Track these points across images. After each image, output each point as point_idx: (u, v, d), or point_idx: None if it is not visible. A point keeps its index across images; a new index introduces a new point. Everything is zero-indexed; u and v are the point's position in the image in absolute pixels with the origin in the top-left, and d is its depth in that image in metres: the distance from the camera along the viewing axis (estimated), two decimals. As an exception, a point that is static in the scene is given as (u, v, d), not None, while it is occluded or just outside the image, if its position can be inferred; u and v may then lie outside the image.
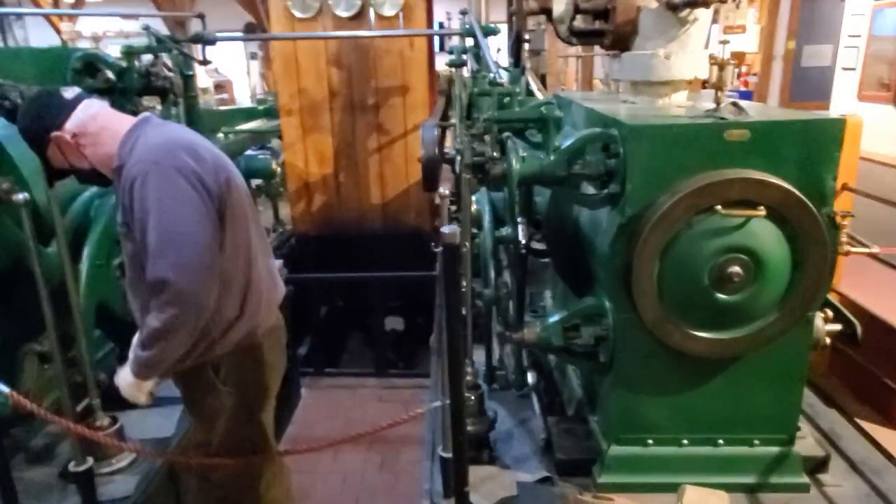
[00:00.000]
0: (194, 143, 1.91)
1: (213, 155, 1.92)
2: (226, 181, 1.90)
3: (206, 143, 1.97)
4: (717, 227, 1.79)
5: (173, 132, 1.96)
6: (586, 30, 2.35)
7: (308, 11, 4.56)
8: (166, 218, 1.77)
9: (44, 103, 1.91)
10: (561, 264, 2.47)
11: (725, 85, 1.86)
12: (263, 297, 2.10)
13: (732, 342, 1.92)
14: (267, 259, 2.18)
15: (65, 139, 1.87)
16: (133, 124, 1.93)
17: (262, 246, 2.14)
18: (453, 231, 1.35)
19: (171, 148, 1.84)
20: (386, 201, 5.01)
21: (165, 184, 1.78)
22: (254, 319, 2.07)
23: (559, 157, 1.88)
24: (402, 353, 5.71)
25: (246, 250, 2.01)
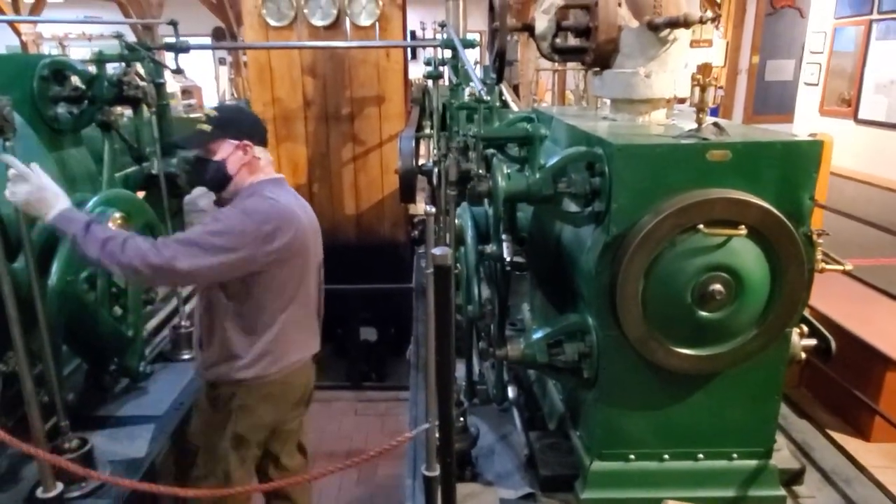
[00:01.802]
0: (285, 209, 2.33)
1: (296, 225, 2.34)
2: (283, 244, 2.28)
3: (296, 213, 2.38)
4: (700, 246, 1.81)
5: (286, 200, 2.38)
6: (568, 47, 2.37)
7: (283, 20, 4.52)
8: (211, 233, 2.18)
9: (256, 121, 2.49)
10: (542, 279, 2.48)
11: (707, 106, 1.89)
12: (277, 351, 2.42)
13: (713, 358, 1.94)
14: (310, 319, 2.59)
15: (251, 150, 2.35)
16: (268, 178, 2.40)
17: (307, 304, 2.53)
18: (444, 253, 1.34)
19: (267, 209, 2.27)
20: (360, 212, 4.98)
21: (238, 224, 2.21)
22: (276, 363, 2.42)
23: (545, 176, 1.89)
24: (374, 363, 5.68)
25: (286, 300, 2.40)
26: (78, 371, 2.82)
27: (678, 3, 2.25)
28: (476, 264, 2.28)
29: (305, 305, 2.52)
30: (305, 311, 2.53)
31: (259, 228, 2.21)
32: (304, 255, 2.43)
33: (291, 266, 2.37)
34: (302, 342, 2.54)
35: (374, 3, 4.47)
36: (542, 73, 10.56)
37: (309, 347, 2.59)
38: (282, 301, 2.39)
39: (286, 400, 2.51)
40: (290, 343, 2.46)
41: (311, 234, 2.48)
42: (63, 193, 2.19)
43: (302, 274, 2.44)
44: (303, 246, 2.40)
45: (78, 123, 3.04)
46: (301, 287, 2.45)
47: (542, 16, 2.29)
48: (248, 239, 2.20)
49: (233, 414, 2.41)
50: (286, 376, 2.46)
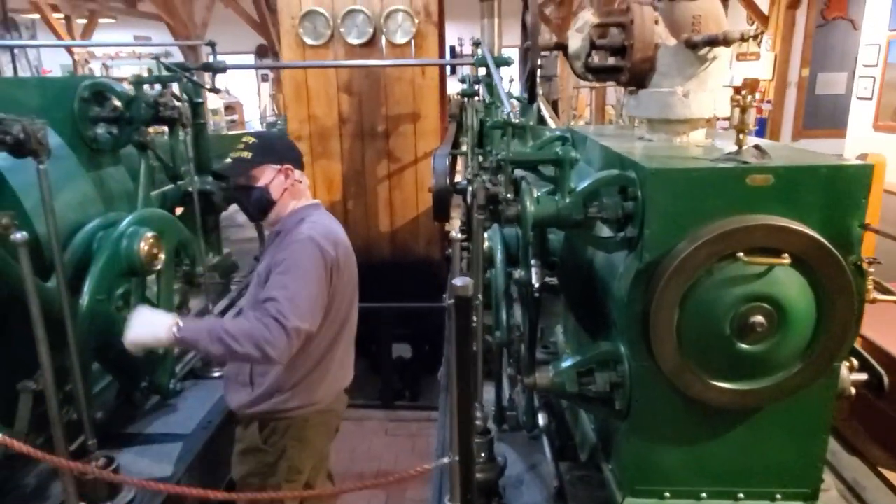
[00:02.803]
0: (337, 235, 2.36)
1: (342, 249, 2.36)
2: (340, 268, 2.31)
3: (341, 236, 2.41)
4: (739, 275, 1.72)
5: (329, 224, 2.40)
6: (603, 66, 2.30)
7: (320, 39, 4.55)
8: (304, 278, 2.17)
9: (293, 146, 2.52)
10: (575, 304, 2.40)
11: (747, 127, 1.80)
12: (329, 377, 2.41)
13: (754, 393, 1.83)
14: (348, 348, 2.55)
15: (292, 174, 2.37)
16: (309, 204, 2.43)
17: (353, 329, 2.53)
18: (466, 283, 1.28)
19: (324, 234, 2.28)
20: (395, 229, 4.96)
21: (314, 258, 2.20)
22: (313, 395, 2.37)
23: (575, 200, 1.82)
24: (408, 380, 5.63)
25: (335, 332, 2.39)
26: (109, 388, 2.84)
27: (718, 20, 2.17)
28: (506, 288, 2.22)
29: (351, 330, 2.53)
30: (350, 336, 2.54)
31: (326, 251, 2.24)
32: (353, 279, 2.46)
33: (343, 291, 2.37)
34: (348, 367, 2.58)
35: (409, 21, 4.47)
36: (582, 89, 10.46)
37: (351, 372, 2.62)
38: (335, 326, 2.38)
39: (331, 427, 2.53)
40: (339, 369, 2.47)
41: (353, 258, 2.50)
42: (163, 313, 2.21)
43: (352, 298, 2.46)
44: (351, 270, 2.43)
45: (116, 143, 3.10)
46: (351, 311, 2.47)
47: (575, 34, 2.23)
48: (320, 262, 2.21)
49: (287, 447, 2.35)
50: (332, 403, 2.46)
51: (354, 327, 2.56)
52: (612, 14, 2.26)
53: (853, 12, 9.29)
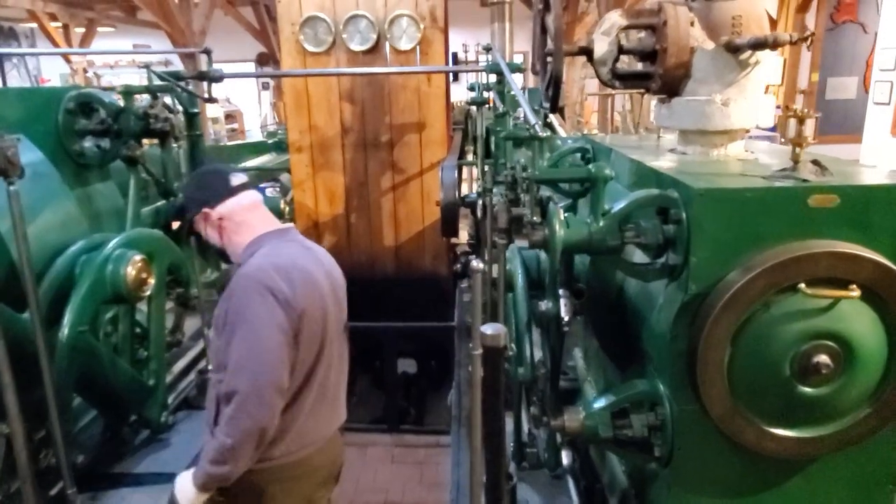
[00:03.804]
0: (294, 268, 1.98)
1: (302, 281, 1.97)
2: (297, 305, 1.93)
3: (301, 265, 2.01)
4: (801, 309, 1.52)
5: (285, 253, 2.03)
6: (631, 72, 2.10)
7: (321, 45, 4.35)
8: (252, 336, 1.88)
9: (209, 181, 2.14)
10: (600, 331, 2.19)
11: (806, 141, 1.59)
12: (292, 430, 2.02)
13: (816, 441, 1.62)
14: (323, 392, 2.10)
15: (212, 217, 2.06)
16: (265, 232, 2.07)
17: (327, 376, 2.10)
18: (497, 332, 1.08)
19: (275, 269, 1.94)
20: (399, 244, 4.75)
21: (259, 303, 1.89)
22: (294, 445, 2.03)
23: (610, 224, 1.62)
24: (414, 398, 5.43)
25: (301, 379, 2.01)
26: (95, 422, 2.63)
27: (760, 21, 1.97)
28: (528, 318, 2.01)
29: (325, 377, 2.10)
30: (325, 385, 2.10)
31: (276, 290, 1.90)
32: (319, 318, 2.01)
33: (309, 329, 1.98)
34: (325, 418, 2.14)
35: (414, 27, 4.27)
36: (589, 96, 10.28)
37: (331, 423, 2.19)
38: (301, 372, 2.01)
39: (309, 481, 2.15)
40: (310, 419, 2.07)
41: (328, 289, 2.07)
42: (180, 475, 1.95)
43: (321, 341, 2.04)
44: (318, 303, 2.01)
45: (104, 157, 2.90)
46: (322, 357, 2.05)
47: (601, 38, 2.03)
48: (269, 307, 1.88)
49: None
50: (306, 457, 2.09)
51: (334, 374, 2.14)
52: (642, 15, 2.05)
53: (863, 16, 9.11)
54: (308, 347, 1.99)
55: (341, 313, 2.17)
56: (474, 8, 12.64)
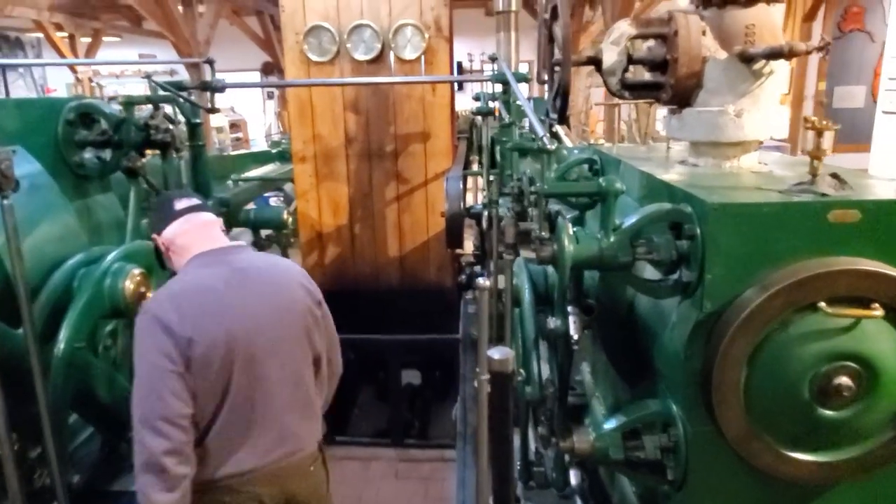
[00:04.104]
0: (192, 293, 1.95)
1: (197, 307, 1.92)
2: (187, 333, 1.88)
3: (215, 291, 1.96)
4: (821, 329, 1.45)
5: (193, 279, 2.01)
6: (641, 83, 2.05)
7: (325, 55, 4.33)
8: (140, 368, 1.88)
9: (158, 208, 2.16)
10: (611, 350, 2.13)
11: (824, 153, 1.53)
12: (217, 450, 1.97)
13: (836, 466, 1.56)
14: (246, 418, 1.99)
15: (160, 244, 2.09)
16: (196, 254, 2.03)
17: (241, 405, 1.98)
18: (505, 357, 1.03)
19: (168, 296, 1.95)
20: (404, 255, 4.71)
21: (147, 334, 1.88)
22: (203, 473, 1.96)
23: (621, 239, 1.56)
24: (418, 410, 5.37)
25: (215, 404, 1.95)
26: (91, 440, 2.58)
27: (774, 29, 1.91)
28: (535, 335, 1.95)
29: (251, 402, 1.99)
30: (251, 410, 1.99)
31: (163, 320, 1.86)
32: (220, 343, 1.91)
33: (199, 360, 1.88)
34: (261, 445, 2.01)
35: (419, 36, 4.24)
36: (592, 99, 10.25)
37: (271, 450, 2.03)
38: (207, 401, 1.93)
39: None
40: (236, 447, 1.98)
41: (250, 311, 1.97)
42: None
43: (229, 366, 1.93)
44: (210, 332, 1.90)
45: (105, 169, 2.86)
46: (234, 383, 1.95)
47: (610, 48, 1.98)
48: (154, 338, 1.86)
49: None
50: (241, 483, 1.99)
51: (272, 391, 2.01)
52: (651, 24, 2.01)
53: (870, 24, 9.06)
54: (208, 374, 1.89)
55: (286, 333, 2.03)
56: (479, 17, 12.66)
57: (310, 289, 2.13)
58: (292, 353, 2.05)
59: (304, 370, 2.10)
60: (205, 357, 1.89)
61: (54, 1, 10.50)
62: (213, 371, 1.91)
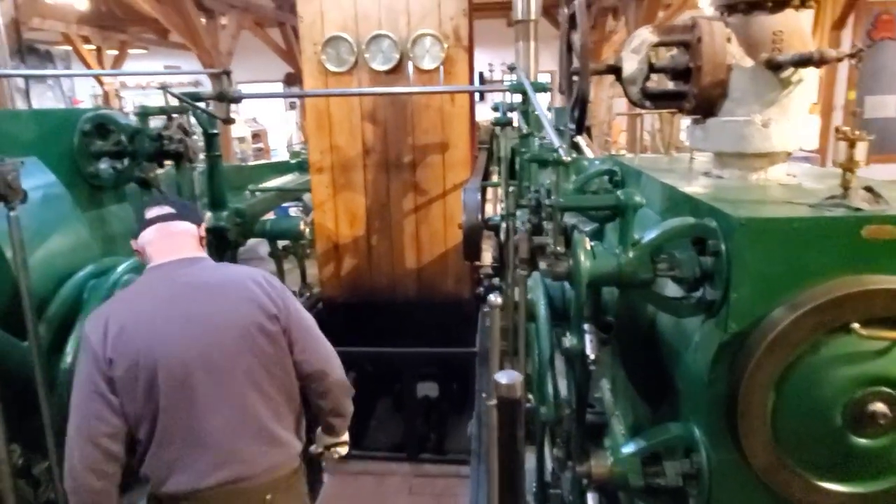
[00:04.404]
0: (118, 311, 1.91)
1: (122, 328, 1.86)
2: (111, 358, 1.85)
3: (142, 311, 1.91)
4: (854, 352, 1.37)
5: (127, 295, 2.00)
6: (663, 92, 1.98)
7: (343, 65, 4.31)
8: (74, 385, 1.88)
9: (136, 215, 2.14)
10: (631, 369, 2.04)
11: (858, 165, 1.45)
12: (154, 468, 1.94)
13: (870, 497, 1.47)
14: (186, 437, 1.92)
15: (136, 250, 2.08)
16: (150, 265, 2.01)
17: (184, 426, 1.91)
18: (513, 382, 0.96)
19: (97, 314, 1.92)
20: (421, 266, 4.65)
21: (81, 351, 1.90)
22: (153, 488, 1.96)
23: (640, 255, 1.49)
24: (434, 423, 5.30)
25: (147, 423, 1.90)
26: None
27: (803, 36, 1.83)
28: (550, 353, 1.88)
29: (187, 423, 1.91)
30: (187, 431, 1.91)
31: (90, 337, 1.86)
32: (144, 365, 1.84)
33: (122, 379, 1.84)
34: (199, 468, 1.93)
35: (438, 46, 4.20)
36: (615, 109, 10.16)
37: (211, 473, 1.93)
38: (136, 420, 1.88)
39: None
40: (170, 467, 1.93)
41: (181, 331, 1.89)
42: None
43: (154, 387, 1.86)
44: (133, 353, 1.85)
45: (119, 179, 2.85)
46: (161, 403, 1.88)
47: (630, 56, 1.91)
48: (86, 353, 1.86)
49: None
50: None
51: (214, 413, 1.91)
52: (674, 31, 1.93)
53: (902, 32, 8.85)
54: (135, 394, 1.85)
55: (223, 352, 1.91)
56: (501, 27, 12.63)
57: (262, 303, 1.96)
58: (230, 373, 1.91)
59: (249, 391, 1.94)
60: (128, 377, 1.85)
61: (82, 14, 10.68)
62: (139, 391, 1.86)
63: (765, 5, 1.80)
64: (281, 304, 1.99)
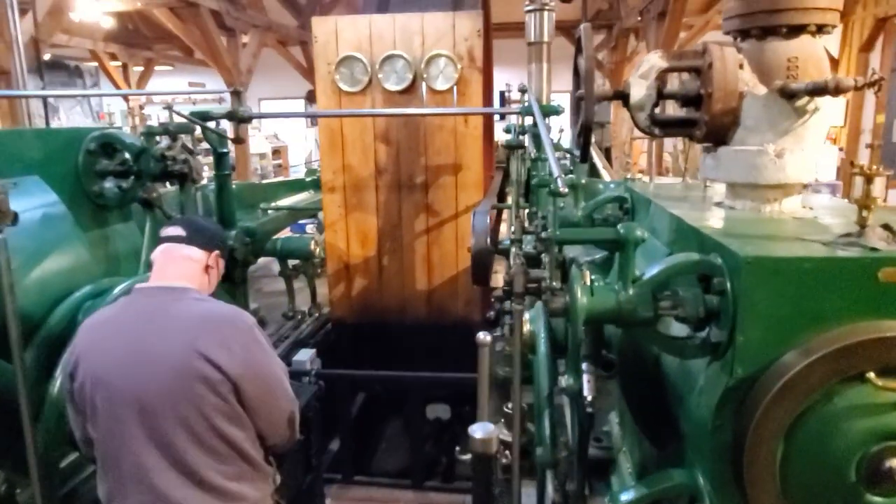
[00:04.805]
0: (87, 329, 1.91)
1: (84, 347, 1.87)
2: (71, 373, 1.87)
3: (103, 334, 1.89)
4: (870, 403, 1.28)
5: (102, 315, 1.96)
6: (672, 119, 1.91)
7: (356, 85, 4.28)
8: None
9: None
10: (635, 407, 1.95)
11: (874, 202, 1.36)
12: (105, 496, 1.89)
13: (888, 560, 1.35)
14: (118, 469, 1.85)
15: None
16: (138, 286, 1.98)
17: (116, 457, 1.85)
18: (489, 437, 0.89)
19: (85, 323, 1.95)
20: (432, 288, 4.58)
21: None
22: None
23: (641, 292, 1.41)
24: (445, 444, 5.20)
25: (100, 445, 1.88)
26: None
27: (819, 63, 1.75)
28: (549, 390, 1.79)
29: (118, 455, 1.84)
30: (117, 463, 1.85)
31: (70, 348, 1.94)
32: (93, 387, 1.81)
33: (77, 397, 1.85)
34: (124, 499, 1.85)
35: (452, 67, 4.17)
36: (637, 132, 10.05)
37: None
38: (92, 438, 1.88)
39: None
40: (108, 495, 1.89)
41: (134, 362, 1.81)
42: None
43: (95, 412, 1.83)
44: (87, 373, 1.82)
45: (124, 198, 2.84)
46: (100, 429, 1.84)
47: (639, 81, 1.84)
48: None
49: None
50: None
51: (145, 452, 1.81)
52: (684, 57, 1.86)
53: (932, 55, 8.66)
54: (87, 412, 1.84)
55: (154, 392, 1.80)
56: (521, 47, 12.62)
57: (210, 353, 1.80)
58: (163, 416, 1.80)
59: (182, 437, 1.81)
60: (79, 394, 1.86)
61: (108, 31, 10.89)
62: (87, 411, 1.85)
63: (779, 31, 1.73)
64: (239, 358, 1.84)
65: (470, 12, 4.29)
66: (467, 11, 4.33)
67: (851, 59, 8.68)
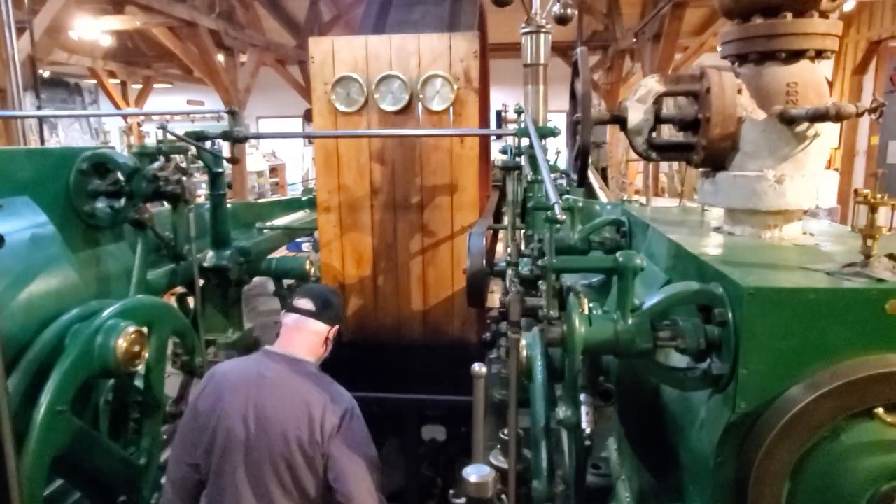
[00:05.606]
0: (217, 375, 2.28)
1: (213, 389, 2.23)
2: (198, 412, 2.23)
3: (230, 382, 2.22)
4: (879, 440, 1.24)
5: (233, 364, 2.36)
6: (670, 143, 1.88)
7: (352, 105, 4.26)
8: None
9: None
10: (634, 438, 1.90)
11: (879, 232, 1.33)
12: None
13: None
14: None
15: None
16: (265, 348, 2.34)
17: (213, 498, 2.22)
18: (484, 479, 0.84)
19: (213, 370, 2.33)
20: (427, 309, 4.53)
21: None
22: None
23: (640, 322, 1.37)
24: (442, 467, 5.12)
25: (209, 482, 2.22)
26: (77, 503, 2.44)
27: (818, 88, 1.74)
28: (546, 420, 1.75)
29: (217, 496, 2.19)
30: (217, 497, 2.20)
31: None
32: (212, 428, 2.18)
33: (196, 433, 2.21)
34: None
35: (448, 87, 4.15)
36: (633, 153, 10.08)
37: None
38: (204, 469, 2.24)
39: None
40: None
41: (243, 412, 2.16)
42: None
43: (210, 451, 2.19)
44: (211, 414, 2.19)
45: (117, 218, 2.80)
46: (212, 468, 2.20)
47: (636, 105, 1.82)
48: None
49: None
50: None
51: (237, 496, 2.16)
52: (682, 81, 1.85)
53: (926, 78, 8.72)
54: (197, 449, 2.19)
55: (265, 448, 2.14)
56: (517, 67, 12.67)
57: (310, 426, 2.13)
58: (260, 465, 2.15)
59: (270, 484, 2.15)
60: (203, 427, 2.18)
61: (107, 49, 10.92)
62: (201, 449, 2.18)
63: (778, 56, 1.71)
64: (328, 432, 2.15)
65: (466, 33, 4.28)
66: (463, 32, 4.33)
67: (845, 82, 8.74)
